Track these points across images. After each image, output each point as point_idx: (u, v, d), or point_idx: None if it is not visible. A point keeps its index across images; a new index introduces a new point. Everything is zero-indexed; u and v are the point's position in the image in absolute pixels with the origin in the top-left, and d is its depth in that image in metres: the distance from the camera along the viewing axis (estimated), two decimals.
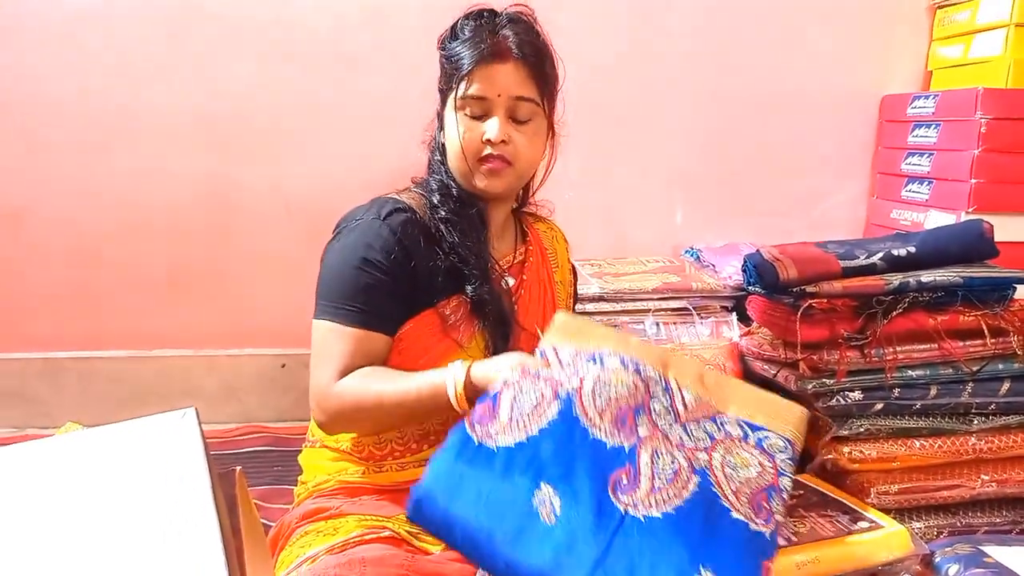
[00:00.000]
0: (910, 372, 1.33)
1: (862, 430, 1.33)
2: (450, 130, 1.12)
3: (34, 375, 2.01)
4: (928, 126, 2.00)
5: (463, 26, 1.12)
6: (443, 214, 1.12)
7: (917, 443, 1.34)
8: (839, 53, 2.19)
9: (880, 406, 1.33)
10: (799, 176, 2.24)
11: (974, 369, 1.34)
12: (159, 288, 2.04)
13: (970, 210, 1.83)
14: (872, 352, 1.31)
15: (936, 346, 1.33)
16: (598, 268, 1.95)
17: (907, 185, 2.07)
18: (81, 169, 1.96)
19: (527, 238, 1.28)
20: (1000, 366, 1.35)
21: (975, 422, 1.35)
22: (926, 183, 2.00)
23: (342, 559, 0.94)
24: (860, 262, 1.37)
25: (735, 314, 1.84)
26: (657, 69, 2.13)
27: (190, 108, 1.96)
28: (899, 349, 1.32)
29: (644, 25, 2.10)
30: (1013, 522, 1.38)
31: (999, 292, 1.36)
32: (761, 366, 1.56)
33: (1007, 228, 1.75)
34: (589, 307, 1.77)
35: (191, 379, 2.04)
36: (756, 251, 1.43)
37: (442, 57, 1.14)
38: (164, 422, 0.77)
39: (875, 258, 1.38)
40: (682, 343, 1.75)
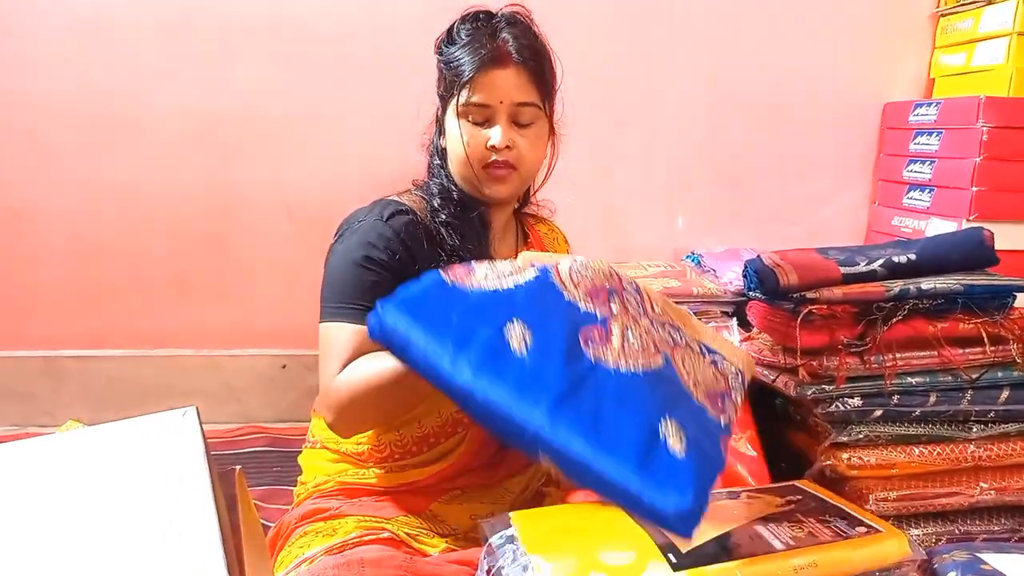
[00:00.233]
0: (909, 379, 1.33)
1: (861, 437, 1.33)
2: (452, 137, 1.11)
3: (35, 373, 2.02)
4: (930, 134, 2.00)
5: (460, 30, 1.11)
6: (444, 218, 1.12)
7: (916, 450, 1.34)
8: (842, 60, 2.20)
9: (879, 413, 1.33)
10: (801, 182, 2.24)
11: (973, 377, 1.33)
12: (161, 288, 2.05)
13: (971, 218, 1.84)
14: (872, 359, 1.31)
15: (936, 353, 1.33)
16: None
17: (908, 192, 2.08)
18: (84, 170, 1.97)
19: (528, 239, 1.28)
20: (999, 374, 1.34)
21: (974, 430, 1.35)
22: (927, 190, 2.01)
23: (340, 560, 0.95)
24: (860, 269, 1.37)
25: (735, 319, 1.84)
26: (659, 74, 2.14)
27: (193, 110, 1.97)
28: (899, 356, 1.32)
29: (646, 30, 2.11)
30: (1011, 530, 1.37)
31: (999, 300, 1.35)
32: (761, 371, 1.55)
33: (1008, 236, 1.76)
34: None
35: (192, 379, 2.04)
36: (757, 257, 1.43)
37: (440, 62, 1.13)
38: (165, 421, 0.77)
39: (875, 265, 1.38)
40: None
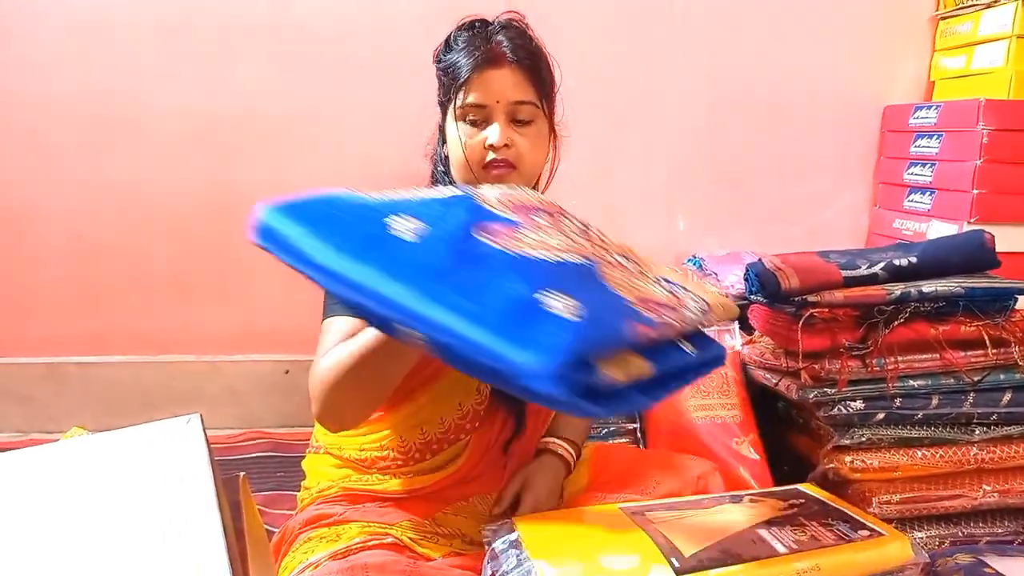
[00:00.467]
0: (911, 382, 1.33)
1: (864, 440, 1.33)
2: (452, 140, 1.12)
3: (38, 379, 2.02)
4: (930, 136, 2.00)
5: (456, 37, 1.13)
6: None
7: (919, 453, 1.34)
8: (842, 63, 2.20)
9: (882, 416, 1.33)
10: (801, 185, 2.24)
11: (975, 379, 1.34)
12: (161, 290, 2.05)
13: (972, 220, 1.84)
14: (873, 362, 1.32)
15: (938, 356, 1.33)
16: None
17: (909, 195, 2.08)
18: (85, 172, 1.97)
19: None
20: (1002, 376, 1.35)
21: (977, 432, 1.35)
22: (928, 193, 2.01)
23: (344, 565, 0.95)
24: (862, 272, 1.38)
25: (737, 323, 1.84)
26: (660, 77, 2.14)
27: (193, 110, 1.97)
28: (900, 359, 1.33)
29: (646, 30, 2.11)
30: (1015, 532, 1.37)
31: (1000, 302, 1.36)
32: (763, 375, 1.56)
33: (1008, 238, 1.75)
34: None
35: (195, 384, 2.05)
36: (758, 260, 1.44)
37: (438, 70, 1.15)
38: (169, 428, 0.77)
39: (877, 268, 1.38)
40: None
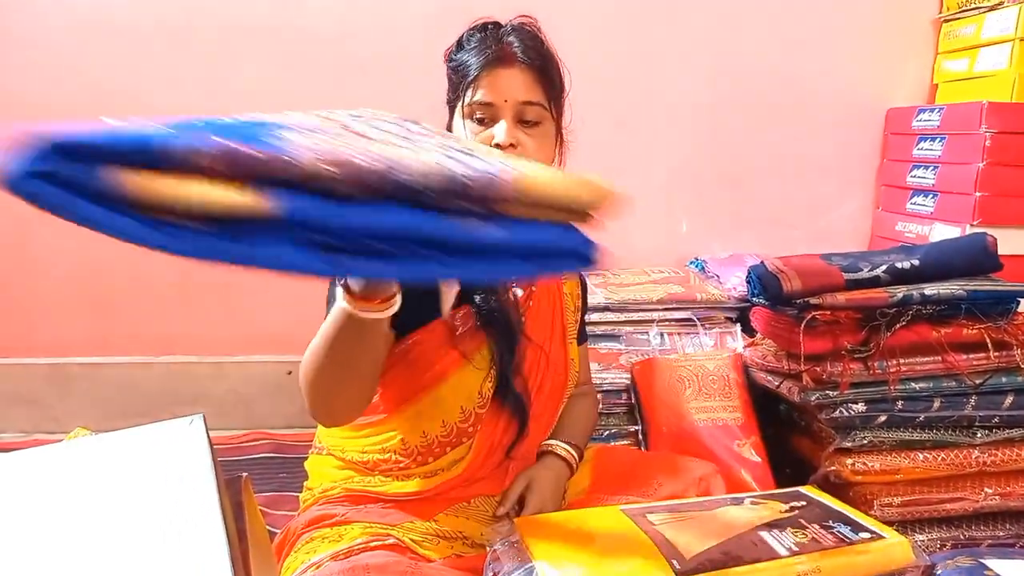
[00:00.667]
0: (913, 385, 1.34)
1: (865, 442, 1.33)
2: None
3: (42, 380, 2.03)
4: (933, 139, 2.00)
5: (469, 38, 1.13)
6: None
7: (920, 455, 1.34)
8: (845, 65, 2.20)
9: (883, 418, 1.33)
10: (804, 188, 2.25)
11: (977, 382, 1.34)
12: (165, 292, 2.05)
13: (975, 223, 1.84)
14: (875, 364, 1.32)
15: (939, 359, 1.33)
16: (603, 278, 1.96)
17: (912, 198, 2.08)
18: None
19: None
20: (1003, 379, 1.35)
21: (979, 435, 1.35)
22: (931, 196, 2.01)
23: (346, 565, 0.95)
24: (864, 275, 1.38)
25: (739, 325, 1.84)
26: (662, 80, 2.14)
27: (193, 111, 1.93)
28: (902, 361, 1.33)
29: (646, 30, 2.12)
30: (1016, 535, 1.37)
31: (1002, 305, 1.36)
32: (765, 377, 1.56)
33: (1011, 241, 1.75)
34: (594, 316, 1.78)
35: (198, 385, 2.05)
36: (760, 263, 1.44)
37: (449, 69, 1.15)
38: (172, 429, 0.78)
39: (879, 271, 1.38)
40: (686, 353, 1.76)
